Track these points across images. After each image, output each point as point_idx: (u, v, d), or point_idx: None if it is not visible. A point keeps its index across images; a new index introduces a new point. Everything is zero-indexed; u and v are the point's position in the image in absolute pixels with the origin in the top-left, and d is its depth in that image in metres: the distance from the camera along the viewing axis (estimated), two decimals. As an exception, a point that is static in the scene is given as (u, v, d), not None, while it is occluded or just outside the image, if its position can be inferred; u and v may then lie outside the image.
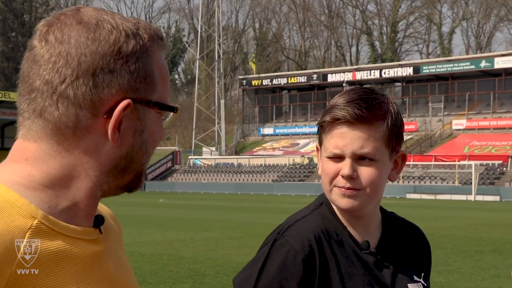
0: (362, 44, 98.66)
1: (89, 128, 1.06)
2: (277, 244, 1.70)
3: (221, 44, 79.43)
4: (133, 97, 1.07)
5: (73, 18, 1.06)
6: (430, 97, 67.43)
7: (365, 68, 72.05)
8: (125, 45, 1.06)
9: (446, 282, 10.78)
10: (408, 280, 1.78)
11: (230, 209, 31.41)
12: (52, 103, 1.04)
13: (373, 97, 1.68)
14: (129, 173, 1.12)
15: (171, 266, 12.06)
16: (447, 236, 18.56)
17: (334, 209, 1.77)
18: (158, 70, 1.11)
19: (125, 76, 1.06)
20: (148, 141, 1.12)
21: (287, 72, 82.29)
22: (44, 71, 1.05)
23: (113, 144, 1.07)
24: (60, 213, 1.06)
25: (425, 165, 56.76)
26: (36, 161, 1.06)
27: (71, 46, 1.04)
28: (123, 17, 1.10)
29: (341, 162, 1.68)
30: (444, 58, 71.20)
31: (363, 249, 1.74)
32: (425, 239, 1.92)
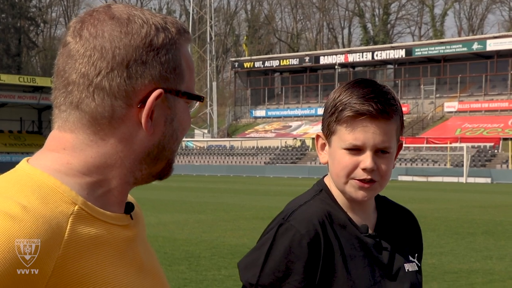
0: (354, 26, 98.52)
1: (123, 118, 1.11)
2: (282, 229, 1.75)
3: (213, 26, 79.15)
4: (164, 87, 1.13)
5: (106, 14, 1.12)
6: (422, 79, 67.51)
7: (357, 51, 72.00)
8: (155, 38, 1.11)
9: (439, 263, 10.89)
10: (404, 260, 1.86)
11: (223, 192, 31.49)
12: (88, 94, 1.09)
13: (387, 91, 1.76)
14: (162, 161, 1.18)
15: (166, 248, 12.13)
16: (439, 218, 18.69)
17: (334, 195, 1.84)
18: (185, 62, 1.17)
19: (156, 67, 1.11)
20: (178, 129, 1.18)
21: (279, 54, 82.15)
22: (80, 65, 1.10)
23: (146, 132, 1.12)
24: (97, 199, 1.11)
25: (417, 148, 56.95)
26: (74, 151, 1.11)
27: (105, 40, 1.09)
28: (151, 12, 1.16)
29: (360, 155, 1.73)
30: (437, 41, 71.18)
31: (363, 232, 1.82)
32: (416, 222, 2.00)
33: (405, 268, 1.84)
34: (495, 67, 63.60)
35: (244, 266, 1.78)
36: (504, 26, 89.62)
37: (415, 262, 1.89)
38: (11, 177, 1.10)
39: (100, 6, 1.15)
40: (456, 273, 10.07)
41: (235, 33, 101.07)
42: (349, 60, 70.49)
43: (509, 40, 61.82)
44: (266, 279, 1.73)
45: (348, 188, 1.77)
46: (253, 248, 1.80)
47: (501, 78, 64.42)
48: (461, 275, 9.88)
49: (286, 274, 1.72)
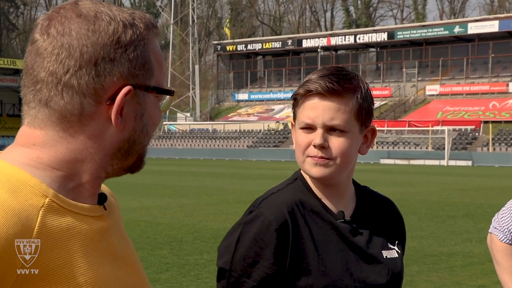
0: (336, 9, 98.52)
1: (93, 115, 1.13)
2: (252, 215, 1.79)
3: (195, 8, 78.73)
4: (133, 83, 1.14)
5: (73, 12, 1.13)
6: (404, 62, 67.70)
7: (340, 34, 71.98)
8: (123, 35, 1.13)
9: (419, 246, 10.99)
10: (382, 246, 1.86)
11: (205, 175, 31.50)
12: (57, 93, 1.11)
13: (344, 73, 1.79)
14: (132, 155, 1.20)
15: (149, 232, 12.13)
16: (420, 201, 18.82)
17: (308, 183, 1.86)
18: (154, 57, 1.18)
19: (125, 64, 1.13)
20: (148, 124, 1.20)
21: (262, 38, 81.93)
22: (48, 63, 1.11)
23: (116, 128, 1.14)
24: (68, 192, 1.13)
25: (399, 131, 57.21)
26: (43, 146, 1.13)
27: (73, 38, 1.11)
28: (119, 8, 1.17)
29: (313, 133, 1.77)
30: (418, 24, 71.33)
31: (338, 218, 1.83)
32: (397, 212, 2.01)
33: (383, 254, 1.85)
34: (476, 50, 63.90)
35: (220, 251, 1.83)
36: (485, 9, 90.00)
37: (394, 249, 1.89)
38: None
39: (67, 3, 1.16)
40: (436, 256, 10.17)
41: (217, 16, 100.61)
42: (331, 43, 70.47)
43: (490, 23, 62.10)
44: (237, 265, 1.77)
45: (306, 166, 1.80)
46: (227, 234, 1.85)
47: (482, 61, 64.77)
48: (441, 258, 9.97)
49: (256, 260, 1.76)
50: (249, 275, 1.76)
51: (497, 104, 58.57)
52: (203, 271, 8.82)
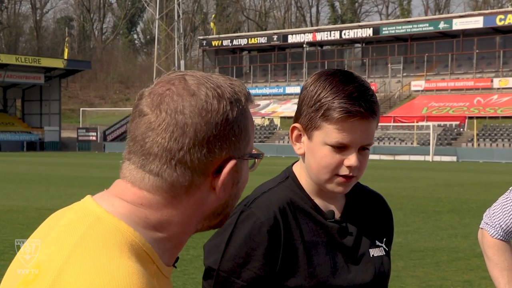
0: (322, 5, 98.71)
1: (200, 186, 1.18)
2: (243, 215, 1.79)
3: (181, 3, 78.48)
4: (236, 155, 1.20)
5: (184, 89, 1.18)
6: (390, 58, 67.90)
7: (325, 29, 72.06)
8: (230, 113, 1.18)
9: (405, 242, 11.02)
10: (370, 245, 1.87)
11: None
12: (170, 166, 1.16)
13: (368, 88, 1.79)
14: (222, 216, 1.26)
15: (135, 228, 12.09)
16: (406, 196, 18.90)
17: (299, 182, 1.87)
18: (251, 125, 1.24)
19: (231, 139, 1.19)
20: (241, 188, 1.26)
21: (248, 33, 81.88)
22: (163, 139, 1.15)
23: (217, 196, 1.21)
24: (165, 253, 1.20)
25: (384, 126, 57.40)
26: (150, 208, 1.18)
27: (187, 117, 1.15)
28: (221, 80, 1.22)
29: (344, 152, 1.76)
30: (403, 19, 71.57)
31: (328, 218, 1.84)
32: (386, 206, 2.01)
33: (370, 253, 1.86)
34: (461, 46, 64.20)
35: (207, 250, 1.82)
36: (469, 5, 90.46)
37: (382, 247, 1.90)
38: (103, 231, 1.14)
39: (176, 78, 1.21)
40: (422, 251, 10.21)
41: (203, 11, 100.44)
42: (317, 39, 70.53)
43: (474, 19, 62.42)
44: (227, 265, 1.76)
45: (330, 185, 1.79)
46: (216, 233, 1.82)
47: (467, 57, 65.09)
48: (427, 254, 10.01)
49: (246, 260, 1.75)
50: (239, 275, 1.75)
51: (481, 100, 58.91)
52: (189, 267, 8.81)
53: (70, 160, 43.05)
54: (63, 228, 1.16)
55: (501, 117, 55.78)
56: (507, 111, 55.94)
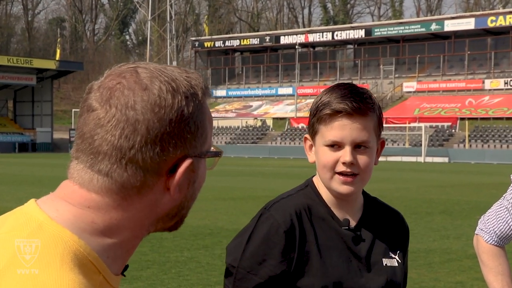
0: (314, 6, 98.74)
1: (152, 187, 1.11)
2: (263, 218, 1.93)
3: (173, 4, 78.46)
4: (192, 154, 1.13)
5: (136, 83, 1.10)
6: (382, 59, 68.07)
7: (318, 31, 72.20)
8: (186, 109, 1.11)
9: (398, 243, 11.08)
10: (383, 254, 1.96)
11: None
12: (120, 166, 1.09)
13: (362, 91, 1.91)
14: (177, 218, 1.19)
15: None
16: (398, 198, 18.97)
17: (318, 191, 1.98)
18: (208, 121, 1.17)
19: (187, 137, 1.11)
20: (197, 188, 1.19)
21: (240, 34, 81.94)
22: (112, 137, 1.08)
23: (171, 197, 1.13)
24: (114, 261, 1.12)
25: (376, 127, 57.45)
26: (99, 211, 1.11)
27: (138, 113, 1.08)
28: (176, 73, 1.15)
29: (340, 150, 1.87)
30: (395, 21, 71.76)
31: (343, 225, 1.94)
32: (404, 223, 2.10)
33: (383, 262, 1.94)
34: (453, 47, 64.42)
35: (229, 250, 1.95)
36: (461, 6, 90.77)
37: (395, 259, 1.98)
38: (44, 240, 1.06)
39: (127, 71, 1.13)
40: (414, 252, 10.26)
41: (195, 12, 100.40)
42: (309, 40, 70.64)
43: (466, 20, 62.65)
44: (246, 263, 1.89)
45: (333, 184, 1.90)
46: (238, 233, 1.97)
47: (458, 58, 65.32)
48: (419, 255, 10.08)
49: (264, 258, 1.88)
50: (257, 272, 1.87)
51: (473, 101, 59.13)
52: (184, 269, 8.84)
53: (62, 161, 42.92)
54: (2, 236, 1.07)
55: (492, 118, 56.02)
56: (499, 112, 56.18)
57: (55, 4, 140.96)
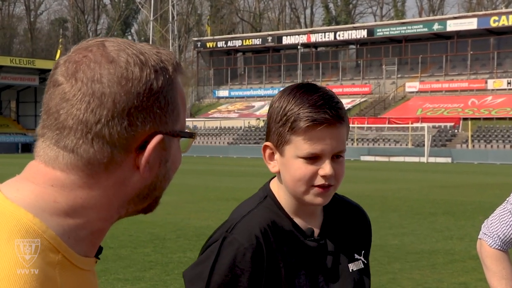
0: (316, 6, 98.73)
1: (121, 163, 1.07)
2: (226, 242, 1.75)
3: (175, 5, 78.49)
4: (163, 130, 1.09)
5: (102, 57, 1.07)
6: (384, 59, 67.99)
7: (320, 31, 72.15)
8: (155, 82, 1.08)
9: (401, 244, 11.07)
10: (348, 260, 1.87)
11: (186, 173, 31.43)
12: (86, 141, 1.05)
13: (332, 95, 1.76)
14: (150, 199, 1.14)
15: (131, 230, 12.10)
16: (401, 198, 18.94)
17: (278, 201, 1.83)
18: (181, 99, 1.14)
19: (156, 112, 1.08)
20: (171, 168, 1.14)
21: (242, 34, 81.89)
22: (78, 111, 1.05)
23: (141, 176, 1.09)
24: (78, 242, 1.07)
25: (379, 128, 57.48)
26: (63, 189, 1.07)
27: (104, 86, 1.05)
28: (146, 47, 1.11)
29: (318, 162, 1.73)
30: (398, 21, 71.67)
31: (308, 236, 1.82)
32: (365, 218, 2.01)
33: (349, 268, 1.86)
34: (455, 47, 64.34)
35: (189, 279, 1.77)
36: (463, 6, 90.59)
37: (361, 260, 1.90)
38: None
39: (94, 44, 1.09)
40: (418, 253, 10.25)
41: (197, 12, 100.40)
42: (311, 40, 70.60)
43: (468, 20, 62.58)
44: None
45: (308, 197, 1.76)
46: (198, 261, 1.78)
47: (461, 58, 65.24)
48: (423, 256, 10.06)
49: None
50: None
51: (476, 101, 59.04)
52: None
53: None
54: None
55: (495, 118, 55.93)
56: (502, 112, 56.09)
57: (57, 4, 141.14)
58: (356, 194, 20.00)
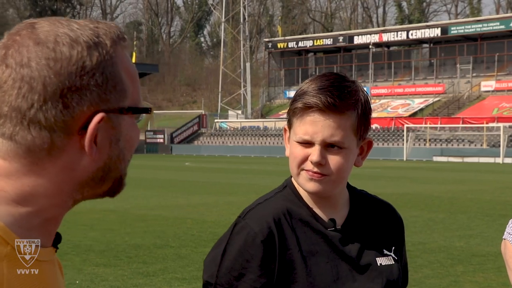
0: (389, 5, 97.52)
1: (64, 147, 1.03)
2: (237, 227, 1.76)
3: (247, 6, 78.88)
4: (106, 108, 1.04)
5: (30, 38, 1.03)
6: (458, 58, 66.56)
7: (392, 30, 71.20)
8: (88, 59, 1.03)
9: (466, 246, 10.77)
10: (376, 254, 1.81)
11: (255, 173, 31.56)
12: (23, 128, 1.02)
13: (345, 85, 1.71)
14: (108, 182, 1.10)
15: (194, 230, 12.20)
16: (472, 199, 18.47)
17: (298, 191, 1.81)
18: (126, 73, 1.08)
19: (94, 90, 1.03)
20: (125, 147, 1.10)
21: (313, 35, 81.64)
22: (10, 97, 1.01)
23: (90, 158, 1.05)
24: (31, 231, 1.04)
25: (453, 128, 56.29)
26: (8, 177, 1.04)
27: (33, 69, 1.01)
28: (80, 24, 1.06)
29: (310, 148, 1.71)
30: (473, 19, 70.04)
31: (329, 227, 1.78)
32: (396, 215, 1.94)
33: (377, 261, 1.80)
34: (534, 45, 62.41)
35: (206, 265, 1.79)
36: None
37: (391, 256, 1.83)
38: None
39: (23, 27, 1.05)
40: (483, 256, 9.95)
41: (268, 13, 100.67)
42: (383, 40, 69.75)
43: (548, 17, 60.61)
44: (223, 279, 1.74)
45: (300, 180, 1.74)
46: (214, 246, 1.81)
47: (540, 56, 63.24)
48: (488, 258, 9.75)
49: (242, 273, 1.72)
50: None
51: (554, 100, 57.10)
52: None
53: (137, 162, 43.77)
54: None
55: None
56: None
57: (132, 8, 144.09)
58: (425, 195, 19.63)
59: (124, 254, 9.72)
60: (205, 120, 69.87)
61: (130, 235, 11.56)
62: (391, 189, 21.56)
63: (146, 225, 12.77)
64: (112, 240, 11.00)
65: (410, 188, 21.88)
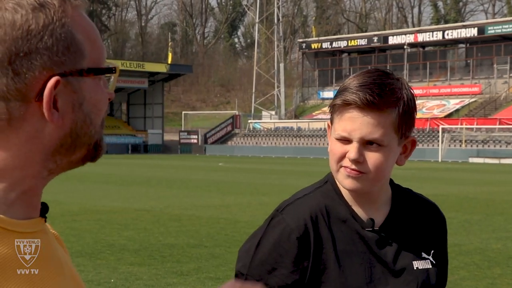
0: (424, 5, 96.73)
1: (24, 116, 1.00)
2: (274, 221, 1.75)
3: (281, 7, 78.83)
4: (61, 71, 1.00)
5: None
6: (495, 58, 65.66)
7: (427, 30, 70.53)
8: (34, 22, 0.98)
9: (504, 248, 10.60)
10: (413, 257, 1.77)
11: (289, 173, 31.49)
12: None
13: (387, 82, 1.67)
14: (80, 148, 1.06)
15: (227, 230, 12.21)
16: (509, 201, 18.19)
17: (338, 187, 1.78)
18: (81, 33, 1.02)
19: (44, 53, 0.98)
20: (91, 111, 1.05)
21: (347, 35, 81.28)
22: None
23: (53, 125, 1.01)
24: (10, 206, 1.01)
25: (489, 129, 55.54)
26: None
27: None
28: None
29: (349, 145, 1.69)
30: (511, 18, 69.03)
31: (366, 227, 1.75)
32: (440, 217, 1.89)
33: (413, 265, 1.75)
34: None
35: (240, 255, 1.80)
36: None
37: (429, 259, 1.79)
38: None
39: None
40: (521, 259, 9.79)
41: (302, 14, 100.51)
42: (418, 40, 69.12)
43: None
44: (255, 271, 1.73)
45: (339, 176, 1.72)
46: (249, 237, 1.81)
47: None
48: (526, 261, 9.59)
49: (274, 267, 1.71)
50: (266, 282, 1.71)
51: None
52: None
53: (171, 163, 44.03)
54: None
55: None
56: None
57: (167, 9, 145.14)
58: (460, 196, 19.40)
59: (158, 254, 9.77)
60: (239, 121, 69.98)
61: (164, 234, 11.61)
62: (426, 190, 21.33)
63: (180, 225, 12.82)
64: (147, 239, 11.06)
65: (445, 190, 21.64)
